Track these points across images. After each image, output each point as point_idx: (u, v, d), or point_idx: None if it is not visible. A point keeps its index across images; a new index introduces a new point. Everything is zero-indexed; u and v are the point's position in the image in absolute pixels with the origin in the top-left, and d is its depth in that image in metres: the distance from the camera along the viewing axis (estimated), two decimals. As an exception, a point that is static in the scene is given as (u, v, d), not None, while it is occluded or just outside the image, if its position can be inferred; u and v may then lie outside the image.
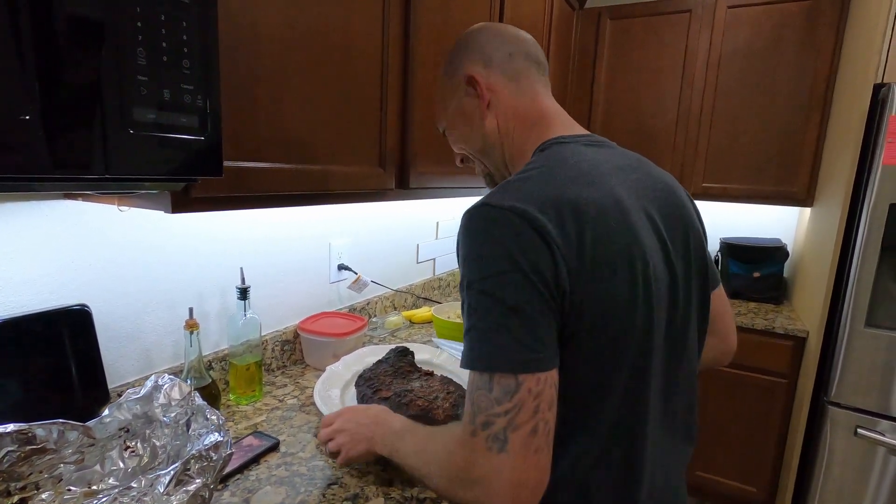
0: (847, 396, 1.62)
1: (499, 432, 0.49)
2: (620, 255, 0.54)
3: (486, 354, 0.50)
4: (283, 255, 1.26)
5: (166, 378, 0.59)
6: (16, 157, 0.42)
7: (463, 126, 0.74)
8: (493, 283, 0.50)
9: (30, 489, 0.52)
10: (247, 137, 0.73)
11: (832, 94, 1.88)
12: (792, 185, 1.99)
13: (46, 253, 0.80)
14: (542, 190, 0.53)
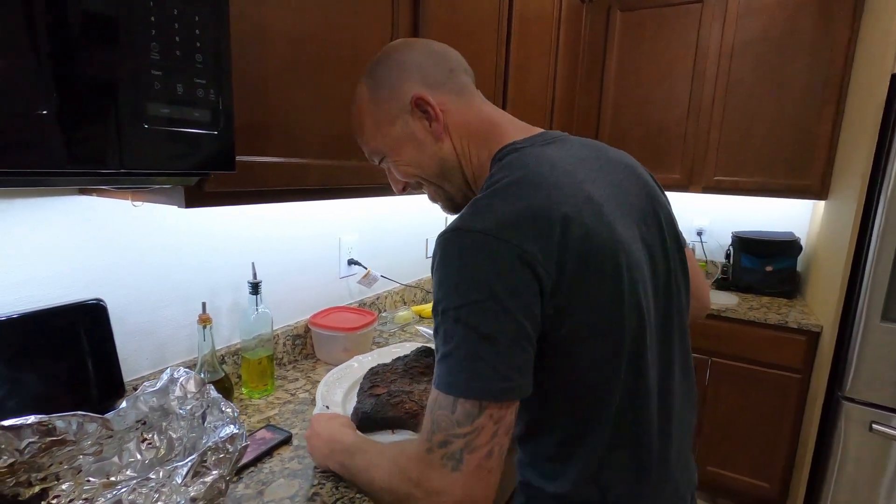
0: (862, 392, 1.60)
1: (455, 452, 0.50)
2: (602, 252, 0.54)
3: (452, 381, 0.51)
4: (293, 250, 1.26)
5: (182, 371, 0.60)
6: (33, 152, 0.42)
7: (413, 151, 0.69)
8: (468, 311, 0.50)
9: (50, 480, 0.53)
10: (258, 132, 0.73)
11: (847, 85, 1.85)
12: (806, 178, 1.96)
13: (62, 248, 0.81)
14: (512, 205, 0.53)
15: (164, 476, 0.47)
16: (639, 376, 0.60)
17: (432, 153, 0.69)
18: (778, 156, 1.99)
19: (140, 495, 0.46)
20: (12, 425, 0.48)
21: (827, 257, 1.86)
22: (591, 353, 0.57)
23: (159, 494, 0.46)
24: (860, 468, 1.63)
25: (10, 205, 0.74)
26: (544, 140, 0.65)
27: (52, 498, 0.53)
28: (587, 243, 0.53)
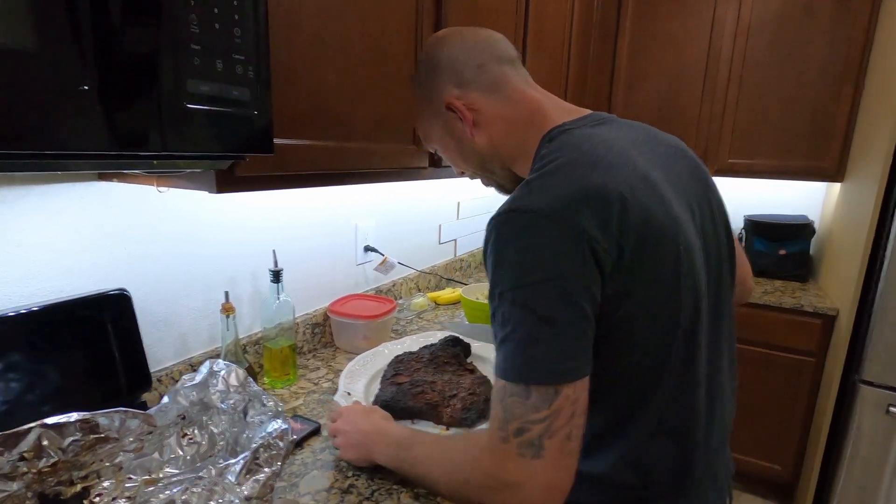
0: (879, 375, 1.60)
1: (534, 439, 0.49)
2: (660, 233, 0.53)
3: (520, 366, 0.49)
4: (310, 237, 1.23)
5: (221, 363, 0.57)
6: (73, 132, 0.39)
7: (455, 148, 0.73)
8: (525, 293, 0.49)
9: (91, 478, 0.51)
10: (289, 113, 0.70)
11: (867, 63, 1.81)
12: (822, 160, 1.93)
13: (82, 237, 0.78)
14: (568, 185, 0.51)
15: (216, 474, 0.45)
16: (689, 362, 0.59)
17: (470, 149, 0.71)
18: (794, 138, 1.96)
19: (193, 494, 0.44)
20: (56, 423, 0.46)
21: (843, 240, 1.84)
22: (645, 336, 0.56)
23: (211, 493, 0.44)
24: (875, 451, 1.64)
25: (28, 191, 0.71)
26: (594, 121, 0.63)
27: (93, 496, 0.51)
28: (646, 223, 0.52)
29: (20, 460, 0.45)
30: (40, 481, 0.47)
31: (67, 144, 0.39)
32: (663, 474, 0.60)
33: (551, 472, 0.49)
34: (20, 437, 0.45)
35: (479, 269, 2.12)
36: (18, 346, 0.66)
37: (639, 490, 0.60)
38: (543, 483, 0.49)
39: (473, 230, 2.05)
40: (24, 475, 0.45)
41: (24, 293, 0.72)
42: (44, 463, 0.46)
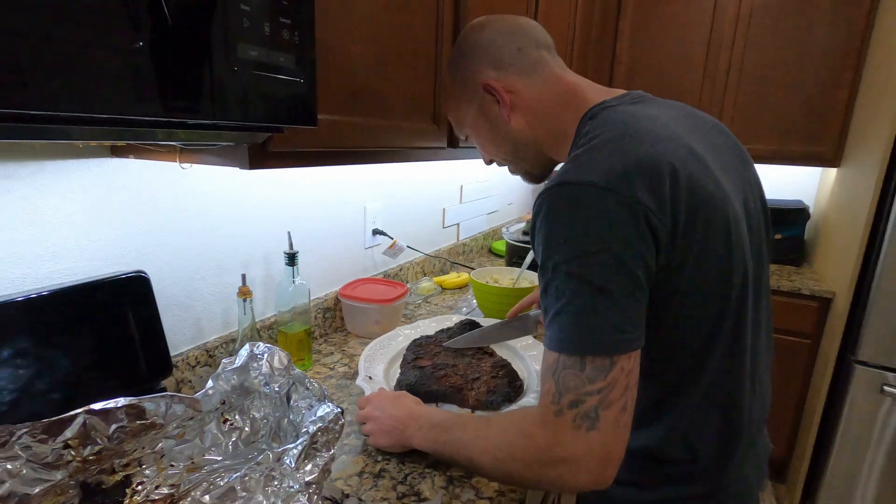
0: (873, 355, 1.64)
1: (590, 410, 0.49)
2: (711, 204, 0.53)
3: (576, 337, 0.49)
4: (320, 221, 1.20)
5: (261, 346, 0.55)
6: (126, 94, 0.36)
7: (489, 132, 0.73)
8: (580, 264, 0.49)
9: (133, 466, 0.49)
10: (319, 88, 0.67)
11: (867, 49, 1.83)
12: (820, 146, 1.96)
13: (95, 217, 0.74)
14: (618, 157, 0.51)
15: (273, 460, 0.43)
16: (738, 336, 0.59)
17: (505, 133, 0.71)
18: (793, 123, 1.98)
19: (251, 480, 0.42)
20: (102, 409, 0.43)
21: (839, 225, 1.87)
22: (697, 308, 0.56)
23: (270, 479, 0.42)
24: (866, 429, 1.69)
25: (41, 168, 0.67)
26: (633, 98, 0.63)
27: (136, 485, 0.49)
28: (697, 194, 0.52)
29: (64, 448, 0.42)
30: (84, 470, 0.44)
31: (121, 108, 0.36)
32: (709, 448, 0.60)
33: (608, 443, 0.49)
34: (65, 423, 0.42)
35: (481, 253, 2.10)
36: (34, 330, 0.63)
37: (686, 464, 0.60)
38: (600, 455, 0.49)
39: (476, 214, 2.04)
40: (68, 463, 0.43)
41: (38, 275, 0.68)
42: (89, 451, 0.43)
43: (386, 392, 0.81)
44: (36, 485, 0.41)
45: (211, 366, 0.93)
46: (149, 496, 0.48)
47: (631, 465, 0.65)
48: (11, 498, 0.40)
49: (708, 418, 0.60)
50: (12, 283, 0.66)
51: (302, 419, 0.50)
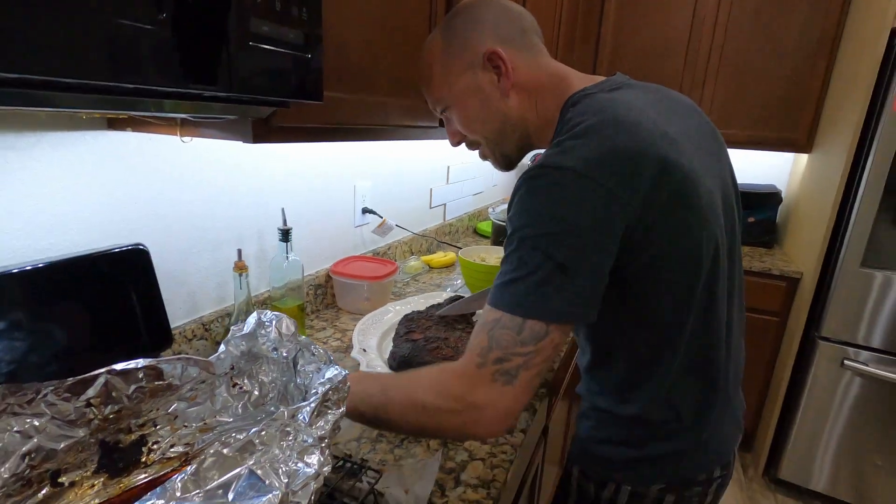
0: (836, 331, 1.74)
1: (511, 369, 0.53)
2: (684, 184, 0.57)
3: (525, 302, 0.53)
4: (312, 199, 1.21)
5: (269, 314, 0.57)
6: (145, 64, 0.37)
7: (477, 105, 0.70)
8: (548, 240, 0.52)
9: (148, 426, 0.51)
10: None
11: (840, 39, 1.89)
12: (793, 132, 2.03)
13: (94, 190, 0.74)
14: (596, 146, 0.54)
15: (288, 416, 0.46)
16: (711, 305, 0.63)
17: (496, 109, 0.70)
18: (768, 109, 2.04)
19: (269, 435, 0.44)
20: (123, 369, 0.45)
21: (809, 208, 1.96)
22: (672, 282, 0.60)
23: (285, 434, 0.45)
24: (827, 400, 1.80)
25: (40, 139, 0.67)
26: (611, 85, 0.65)
27: (151, 444, 0.51)
28: (671, 176, 0.55)
29: (87, 406, 0.44)
30: (104, 428, 0.46)
31: (141, 77, 0.37)
32: (690, 409, 0.66)
33: (516, 399, 0.54)
34: (88, 383, 0.44)
35: (466, 233, 2.14)
36: (34, 302, 0.63)
37: (670, 423, 0.65)
38: (505, 407, 0.54)
39: (462, 195, 2.06)
40: (90, 422, 0.45)
41: (38, 247, 0.69)
42: (109, 409, 0.45)
43: None
44: (61, 441, 0.43)
45: (207, 339, 0.95)
46: (165, 454, 0.51)
47: (620, 427, 0.70)
48: (39, 452, 0.42)
49: (687, 383, 0.65)
50: (13, 253, 0.66)
51: (310, 381, 0.53)
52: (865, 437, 1.78)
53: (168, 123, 0.67)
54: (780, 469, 1.94)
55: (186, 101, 0.45)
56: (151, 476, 0.51)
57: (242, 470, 0.42)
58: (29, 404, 0.42)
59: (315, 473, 0.44)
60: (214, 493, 0.40)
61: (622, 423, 0.68)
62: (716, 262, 0.62)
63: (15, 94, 0.38)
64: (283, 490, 0.41)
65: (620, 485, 0.70)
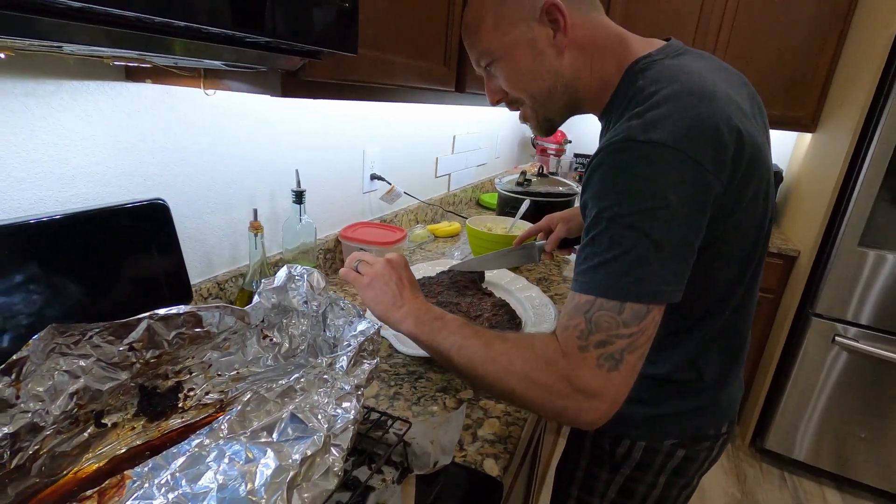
0: (830, 308, 1.79)
1: (615, 352, 0.51)
2: (758, 158, 0.56)
3: (623, 284, 0.51)
4: (322, 163, 1.20)
5: (299, 268, 0.58)
6: (197, 2, 0.37)
7: (528, 60, 0.65)
8: (642, 217, 0.50)
9: (184, 374, 0.52)
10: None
11: (853, 16, 1.88)
12: (799, 111, 2.03)
13: (112, 143, 0.73)
14: (679, 117, 0.52)
15: (325, 365, 0.47)
16: (755, 278, 0.65)
17: (549, 66, 0.65)
18: (775, 86, 2.03)
19: (308, 382, 0.46)
20: (165, 315, 0.46)
21: (810, 187, 1.98)
22: (731, 255, 0.60)
23: (324, 381, 0.46)
24: (815, 375, 1.86)
25: (59, 87, 0.65)
26: (675, 51, 0.63)
27: (187, 390, 0.52)
28: (749, 150, 0.55)
29: (130, 350, 0.45)
30: (143, 373, 0.47)
31: (189, 15, 0.36)
32: (713, 371, 0.68)
33: (623, 386, 0.52)
34: (131, 327, 0.44)
35: (469, 205, 2.13)
36: (56, 254, 0.63)
37: (694, 382, 0.68)
38: (613, 396, 0.52)
39: (467, 165, 2.05)
40: (132, 365, 0.46)
41: (60, 198, 0.68)
42: (151, 354, 0.46)
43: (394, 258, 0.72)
44: (105, 382, 0.44)
45: (221, 298, 0.95)
46: (200, 401, 0.52)
47: (641, 387, 0.70)
48: (85, 393, 0.43)
49: (717, 348, 0.67)
50: (34, 204, 0.66)
51: (342, 334, 0.54)
52: (849, 410, 1.85)
53: (191, 74, 0.66)
54: (766, 439, 2.01)
55: (226, 46, 0.44)
56: (188, 421, 0.52)
57: (284, 413, 0.43)
58: (76, 345, 0.42)
59: (354, 419, 0.45)
60: (259, 434, 0.42)
61: (644, 384, 0.69)
62: (766, 237, 0.63)
63: (54, 25, 0.37)
64: (324, 433, 0.43)
65: (635, 441, 0.73)
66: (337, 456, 0.42)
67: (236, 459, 0.38)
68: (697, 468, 0.76)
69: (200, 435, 0.40)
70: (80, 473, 0.44)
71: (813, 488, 1.95)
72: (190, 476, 0.36)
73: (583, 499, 0.84)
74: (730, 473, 1.99)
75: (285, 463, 0.38)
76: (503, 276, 1.21)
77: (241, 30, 0.41)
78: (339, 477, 0.41)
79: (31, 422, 0.40)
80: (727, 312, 0.64)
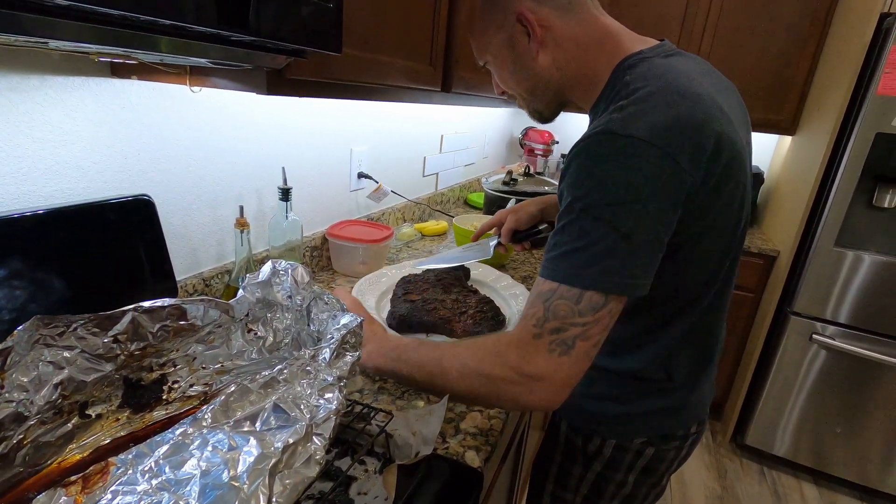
0: (807, 307, 1.83)
1: (568, 339, 0.53)
2: (737, 161, 0.58)
3: (585, 274, 0.52)
4: (309, 161, 1.21)
5: (283, 263, 0.58)
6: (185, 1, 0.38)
7: (511, 64, 0.70)
8: (613, 210, 0.51)
9: (168, 366, 0.52)
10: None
11: (831, 21, 1.93)
12: (778, 114, 2.07)
13: (96, 138, 0.73)
14: (662, 114, 0.53)
15: (308, 357, 0.48)
16: (728, 279, 0.66)
17: (528, 69, 0.68)
18: (758, 90, 2.08)
19: (291, 373, 0.47)
20: (150, 307, 0.46)
21: (789, 189, 2.03)
22: (705, 256, 0.61)
23: (305, 374, 0.48)
24: (794, 373, 1.91)
25: (43, 82, 0.66)
26: (666, 51, 0.64)
27: (171, 383, 0.53)
28: (728, 153, 0.56)
29: (114, 342, 0.46)
30: (128, 365, 0.48)
31: (176, 13, 0.37)
32: (682, 371, 0.70)
33: (573, 369, 0.53)
34: (115, 319, 0.45)
35: (457, 204, 2.15)
36: (41, 249, 0.63)
37: (662, 382, 0.69)
38: (562, 379, 0.54)
39: (454, 165, 2.07)
40: (116, 357, 0.46)
41: (44, 193, 0.68)
42: (135, 346, 0.47)
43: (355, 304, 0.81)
44: (90, 373, 0.45)
45: (207, 294, 0.96)
46: (184, 393, 0.53)
47: (612, 383, 0.73)
48: (70, 383, 0.43)
49: (687, 347, 0.68)
50: (18, 199, 0.66)
51: (325, 328, 0.55)
52: (827, 406, 1.89)
53: (177, 71, 0.67)
54: (746, 436, 2.06)
55: (211, 44, 0.45)
56: (172, 413, 0.52)
57: (267, 403, 0.44)
58: (60, 336, 0.43)
59: (336, 409, 0.46)
60: (242, 424, 0.43)
61: (615, 381, 0.72)
62: (742, 238, 0.64)
63: (40, 21, 0.37)
64: (307, 422, 0.44)
65: (606, 438, 0.75)
66: (319, 445, 0.43)
67: (219, 447, 0.39)
68: (667, 467, 0.78)
69: (184, 424, 0.41)
70: (63, 463, 0.45)
71: (791, 483, 2.00)
72: (174, 463, 0.37)
73: (557, 494, 0.85)
74: (710, 468, 2.03)
75: (267, 451, 0.39)
76: (488, 274, 1.23)
77: (226, 28, 0.42)
78: (321, 465, 0.42)
79: (15, 411, 0.40)
80: (698, 312, 0.65)
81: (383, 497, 0.52)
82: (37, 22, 0.37)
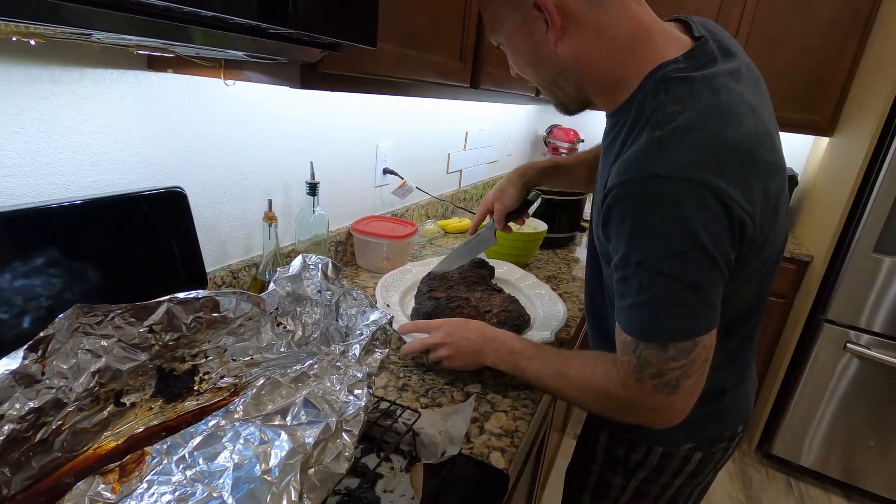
0: (842, 315, 1.77)
1: (671, 381, 0.53)
2: (781, 188, 0.56)
3: (659, 327, 0.52)
4: (335, 156, 1.21)
5: (313, 258, 0.59)
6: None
7: (528, 52, 0.62)
8: (671, 262, 0.48)
9: (200, 357, 0.53)
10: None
11: (874, 19, 1.85)
12: (816, 114, 2.00)
13: (133, 131, 0.75)
14: (705, 144, 0.48)
15: (339, 353, 0.48)
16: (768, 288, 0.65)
17: (546, 59, 0.61)
18: (794, 89, 2.01)
19: (321, 369, 0.46)
20: (185, 298, 0.47)
21: (825, 192, 1.95)
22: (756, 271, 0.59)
23: (337, 368, 0.47)
24: (825, 381, 1.84)
25: (83, 75, 0.67)
26: (704, 59, 0.55)
27: (203, 374, 0.53)
28: (776, 179, 0.53)
29: (149, 332, 0.46)
30: (162, 355, 0.48)
31: (220, 4, 0.37)
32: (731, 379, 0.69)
33: (685, 402, 0.55)
34: (151, 309, 0.46)
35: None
36: (77, 238, 0.64)
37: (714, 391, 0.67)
38: (677, 410, 0.56)
39: (478, 162, 2.05)
40: (151, 347, 0.47)
41: (81, 184, 0.70)
42: (169, 336, 0.47)
43: (448, 319, 0.83)
44: (125, 363, 0.45)
45: (235, 286, 0.97)
46: (215, 384, 0.53)
47: None
48: (106, 372, 0.44)
49: (737, 357, 0.68)
50: (57, 189, 0.67)
51: (354, 323, 0.55)
52: (859, 417, 1.83)
53: (212, 65, 0.67)
54: (773, 445, 2.00)
55: (249, 36, 0.45)
56: (203, 404, 0.53)
57: (297, 398, 0.44)
58: (99, 325, 0.43)
59: (365, 406, 0.46)
60: (272, 417, 0.43)
61: None
62: (780, 257, 0.63)
63: (87, 13, 0.38)
64: (336, 418, 0.43)
65: (652, 446, 0.73)
66: (348, 442, 0.43)
67: (251, 440, 0.39)
68: (713, 467, 0.77)
69: (216, 416, 0.41)
70: (99, 450, 0.45)
71: (819, 495, 1.94)
72: (207, 455, 0.37)
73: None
74: (735, 477, 1.98)
75: (298, 446, 0.39)
76: (513, 273, 1.22)
77: (265, 20, 0.41)
78: (350, 462, 0.42)
79: (55, 397, 0.41)
80: (749, 324, 0.65)
81: (410, 496, 0.51)
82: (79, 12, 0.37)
